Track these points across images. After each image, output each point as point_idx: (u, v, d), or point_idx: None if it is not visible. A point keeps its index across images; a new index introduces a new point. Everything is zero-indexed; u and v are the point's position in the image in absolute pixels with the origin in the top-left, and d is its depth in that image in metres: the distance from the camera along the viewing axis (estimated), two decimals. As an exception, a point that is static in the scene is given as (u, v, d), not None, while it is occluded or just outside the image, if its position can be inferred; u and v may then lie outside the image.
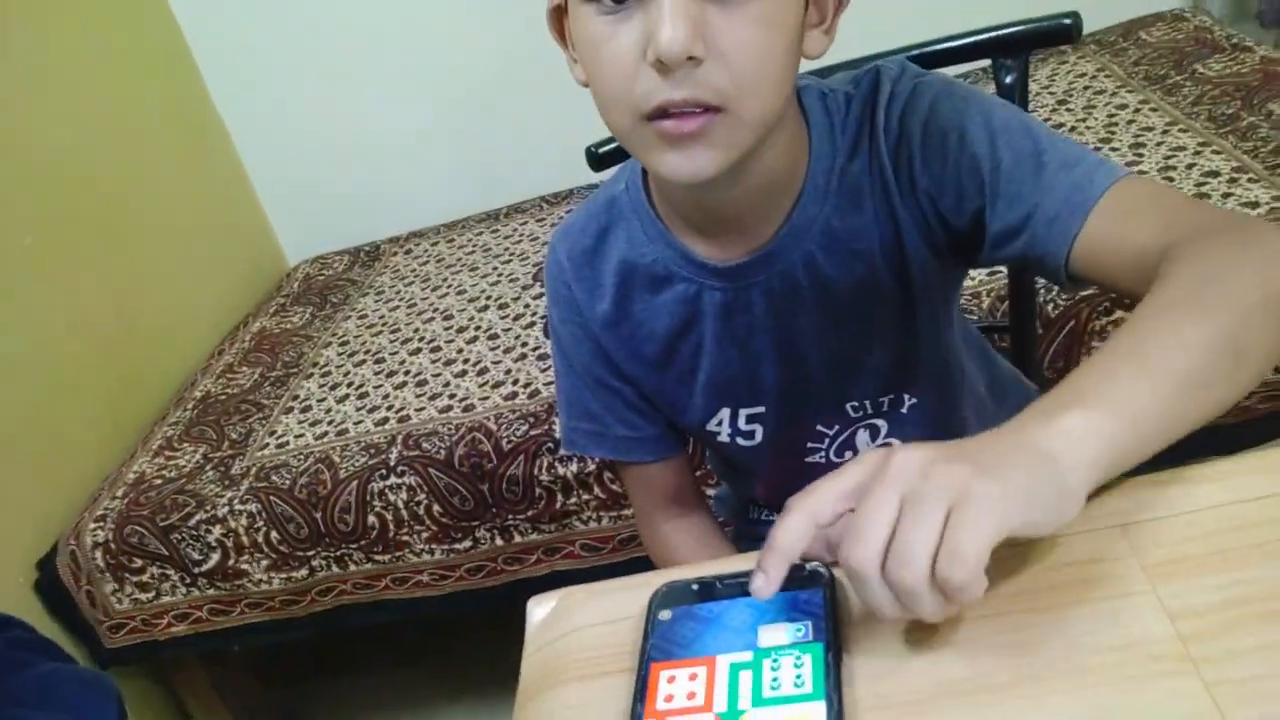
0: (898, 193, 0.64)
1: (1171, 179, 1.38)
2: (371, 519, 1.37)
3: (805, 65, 0.62)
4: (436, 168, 2.31)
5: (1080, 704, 0.35)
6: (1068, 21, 0.83)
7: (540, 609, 0.52)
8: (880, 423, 0.73)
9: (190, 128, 2.15)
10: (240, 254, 2.25)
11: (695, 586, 0.45)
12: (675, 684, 0.40)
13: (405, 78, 2.21)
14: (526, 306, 1.74)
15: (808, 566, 0.44)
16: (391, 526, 1.38)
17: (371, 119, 2.25)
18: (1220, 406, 0.43)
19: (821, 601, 0.42)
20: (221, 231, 2.17)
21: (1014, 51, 0.84)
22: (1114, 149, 1.53)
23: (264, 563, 1.41)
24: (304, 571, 1.41)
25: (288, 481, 1.40)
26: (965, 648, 0.39)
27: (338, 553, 1.40)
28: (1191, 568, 0.39)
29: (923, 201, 0.63)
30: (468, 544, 1.39)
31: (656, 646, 0.43)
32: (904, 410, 0.73)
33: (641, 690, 0.41)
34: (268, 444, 1.53)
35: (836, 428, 0.74)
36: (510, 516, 1.37)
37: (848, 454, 0.74)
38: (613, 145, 0.92)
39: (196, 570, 1.43)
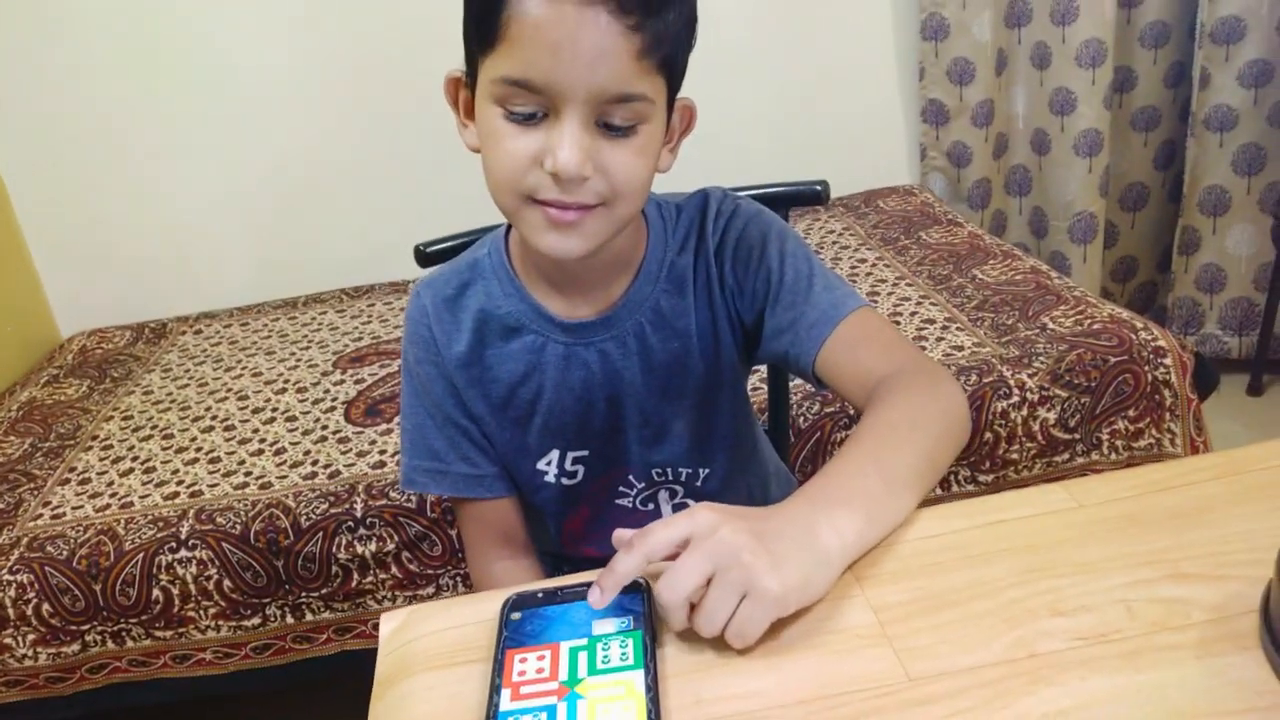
0: (718, 286, 0.81)
1: (899, 322, 1.68)
2: (156, 592, 1.36)
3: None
4: (232, 250, 2.30)
5: (807, 664, 0.51)
6: (819, 187, 1.06)
7: (391, 622, 0.61)
8: (678, 488, 0.89)
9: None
10: (7, 320, 2.14)
11: (540, 594, 0.57)
12: (527, 663, 0.52)
13: (206, 157, 2.21)
14: (326, 391, 1.78)
15: None
16: (177, 601, 1.37)
17: (166, 193, 2.22)
18: (920, 499, 0.62)
19: (641, 601, 0.55)
20: (-13, 295, 2.07)
21: (776, 206, 1.04)
22: (855, 294, 1.82)
23: (30, 637, 1.34)
24: (75, 647, 1.36)
25: (65, 552, 1.36)
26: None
27: (114, 628, 1.36)
28: (889, 578, 0.56)
29: (728, 296, 0.82)
30: (256, 620, 1.40)
31: (510, 637, 0.54)
32: (699, 484, 0.89)
33: (499, 669, 0.52)
34: (41, 514, 1.47)
35: (643, 484, 0.88)
36: (303, 594, 1.40)
37: (650, 505, 0.89)
38: (440, 245, 1.03)
39: (-52, 645, 1.34)
